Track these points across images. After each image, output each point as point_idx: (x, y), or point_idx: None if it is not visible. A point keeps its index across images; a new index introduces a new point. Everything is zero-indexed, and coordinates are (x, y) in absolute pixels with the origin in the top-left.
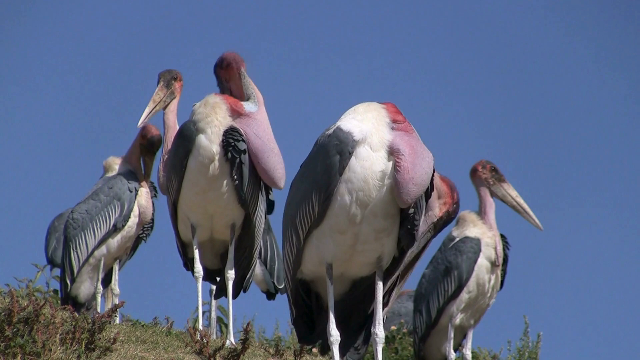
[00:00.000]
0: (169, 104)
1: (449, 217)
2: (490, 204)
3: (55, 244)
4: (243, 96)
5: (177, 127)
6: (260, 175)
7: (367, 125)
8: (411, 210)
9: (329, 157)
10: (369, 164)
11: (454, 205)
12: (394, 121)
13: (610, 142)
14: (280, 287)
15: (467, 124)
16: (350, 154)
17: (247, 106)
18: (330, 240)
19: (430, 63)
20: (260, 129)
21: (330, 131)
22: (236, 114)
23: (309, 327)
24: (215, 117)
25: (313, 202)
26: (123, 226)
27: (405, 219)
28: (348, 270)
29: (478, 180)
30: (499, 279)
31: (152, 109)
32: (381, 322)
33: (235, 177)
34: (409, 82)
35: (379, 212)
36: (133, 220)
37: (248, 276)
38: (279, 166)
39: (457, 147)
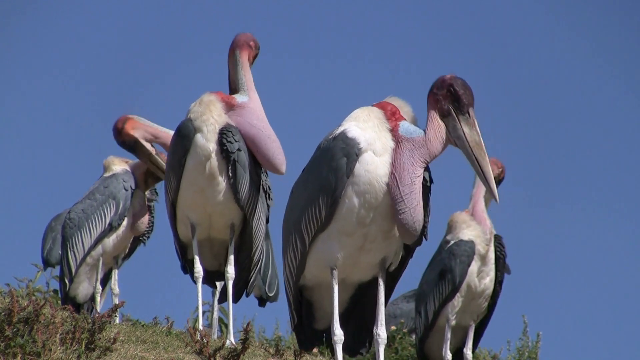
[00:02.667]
0: (142, 144)
1: None
2: (482, 190)
3: (51, 244)
4: (234, 79)
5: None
6: (261, 164)
7: (370, 133)
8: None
9: (335, 160)
10: (373, 168)
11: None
12: (394, 128)
13: (610, 141)
14: (271, 294)
15: None
16: (357, 156)
17: (239, 97)
18: (337, 244)
19: (430, 62)
20: (253, 117)
21: (335, 135)
22: (230, 107)
23: (314, 334)
24: (210, 115)
25: (320, 206)
26: (119, 225)
27: None
28: (351, 275)
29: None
30: (492, 280)
31: (156, 158)
32: (383, 322)
33: (231, 175)
34: (409, 80)
35: (387, 214)
36: (128, 220)
37: (252, 280)
38: (277, 152)
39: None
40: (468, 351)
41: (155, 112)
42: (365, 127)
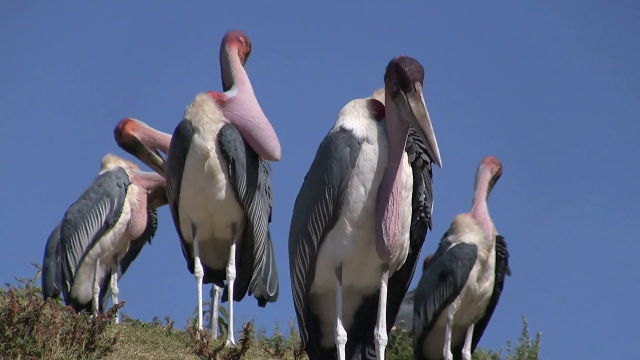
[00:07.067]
0: (141, 144)
1: None
2: (484, 192)
3: (45, 274)
4: (227, 75)
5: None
6: (257, 153)
7: (362, 122)
8: (422, 197)
9: (338, 151)
10: (372, 156)
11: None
12: (377, 116)
13: (611, 141)
14: (271, 294)
15: (468, 122)
16: (360, 144)
17: (229, 93)
18: (348, 238)
19: (431, 61)
20: (242, 108)
21: (335, 130)
22: (222, 105)
23: (323, 354)
24: (204, 114)
25: (327, 200)
26: (115, 222)
27: (417, 208)
28: (358, 280)
29: (488, 170)
30: (492, 284)
31: (155, 157)
32: (384, 324)
33: (231, 174)
34: None
35: None
36: (124, 217)
37: (253, 278)
38: (268, 139)
39: (459, 145)
40: (466, 351)
41: (154, 112)
42: (354, 118)
